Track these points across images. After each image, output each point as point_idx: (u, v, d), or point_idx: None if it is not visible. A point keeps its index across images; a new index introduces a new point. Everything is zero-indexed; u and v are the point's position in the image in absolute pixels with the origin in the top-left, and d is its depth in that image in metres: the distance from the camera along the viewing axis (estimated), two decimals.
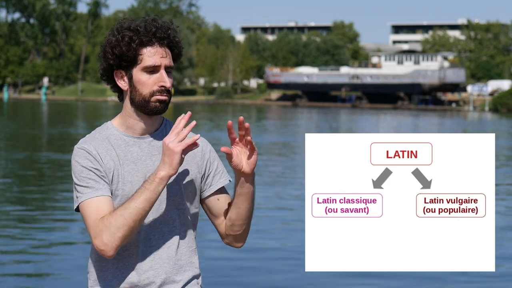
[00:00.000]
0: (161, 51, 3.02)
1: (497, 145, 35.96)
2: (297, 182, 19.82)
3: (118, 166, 3.02)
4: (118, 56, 3.01)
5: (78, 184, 2.98)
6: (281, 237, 12.20)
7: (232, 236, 3.12)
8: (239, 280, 9.46)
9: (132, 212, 2.88)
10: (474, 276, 9.94)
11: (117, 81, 3.06)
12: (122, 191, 3.02)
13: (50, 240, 11.56)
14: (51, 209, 14.34)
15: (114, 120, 3.13)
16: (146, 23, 3.02)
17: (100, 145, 3.04)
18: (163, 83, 3.01)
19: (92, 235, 2.92)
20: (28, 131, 38.51)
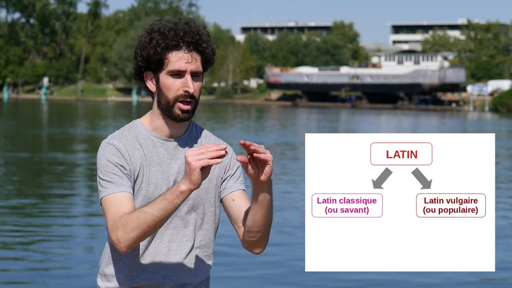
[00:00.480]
0: (187, 56, 3.01)
1: (497, 145, 35.98)
2: (297, 182, 19.82)
3: (144, 166, 3.04)
4: (145, 58, 3.03)
5: (102, 179, 2.99)
6: (282, 238, 12.22)
7: (249, 242, 3.09)
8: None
9: (148, 218, 2.88)
10: (475, 276, 9.94)
11: (147, 82, 3.08)
12: (146, 191, 3.04)
13: (50, 238, 11.57)
14: (51, 208, 14.35)
15: (144, 118, 3.14)
16: (176, 26, 3.02)
17: (129, 142, 3.05)
18: (187, 88, 3.00)
19: (109, 229, 2.94)
20: (28, 131, 38.52)
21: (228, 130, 42.81)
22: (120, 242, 2.90)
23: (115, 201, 2.95)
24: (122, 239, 2.90)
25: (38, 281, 9.23)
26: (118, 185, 2.97)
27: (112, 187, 2.97)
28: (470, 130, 51.02)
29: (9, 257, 10.44)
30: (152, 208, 2.88)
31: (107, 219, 2.95)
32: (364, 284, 9.46)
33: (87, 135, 35.36)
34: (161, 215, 2.88)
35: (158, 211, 2.87)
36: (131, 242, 2.90)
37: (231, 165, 3.17)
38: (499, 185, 20.52)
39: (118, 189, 2.97)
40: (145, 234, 2.90)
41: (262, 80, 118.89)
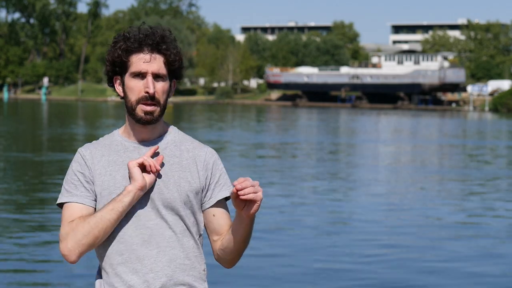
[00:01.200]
0: (148, 57, 3.03)
1: (497, 145, 35.97)
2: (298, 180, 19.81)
3: (113, 171, 3.05)
4: (111, 62, 3.08)
5: (63, 185, 3.09)
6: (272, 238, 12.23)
7: (221, 258, 3.14)
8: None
9: (98, 221, 2.95)
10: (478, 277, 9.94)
11: (116, 87, 3.12)
12: (116, 195, 3.03)
13: (49, 239, 11.57)
14: (50, 209, 14.36)
15: (121, 128, 3.17)
16: (139, 30, 3.06)
17: (98, 150, 3.10)
18: (147, 89, 3.02)
19: (60, 239, 3.00)
20: (28, 131, 38.53)
21: (228, 130, 42.81)
22: (70, 251, 2.96)
23: (67, 211, 3.03)
24: (72, 247, 2.96)
25: (38, 281, 9.23)
26: (72, 195, 3.04)
27: (67, 196, 3.05)
28: (470, 130, 51.01)
29: (9, 258, 10.43)
30: (101, 211, 2.96)
31: (61, 225, 3.02)
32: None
33: (87, 135, 35.37)
34: (111, 216, 2.95)
35: (107, 212, 2.95)
36: (82, 249, 2.97)
37: (213, 171, 3.13)
38: (499, 185, 20.52)
39: (72, 199, 3.04)
40: (95, 239, 2.96)
41: (262, 80, 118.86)
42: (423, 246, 11.78)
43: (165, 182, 3.04)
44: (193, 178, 3.07)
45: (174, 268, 3.03)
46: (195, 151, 3.11)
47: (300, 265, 10.27)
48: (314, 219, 14.05)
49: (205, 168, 3.10)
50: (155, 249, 3.02)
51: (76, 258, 2.98)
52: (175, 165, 3.07)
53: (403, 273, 9.99)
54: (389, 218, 14.41)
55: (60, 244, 2.98)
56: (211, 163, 3.11)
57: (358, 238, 12.24)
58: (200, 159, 3.10)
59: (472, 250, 11.54)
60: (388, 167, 25.02)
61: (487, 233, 13.07)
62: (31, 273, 9.62)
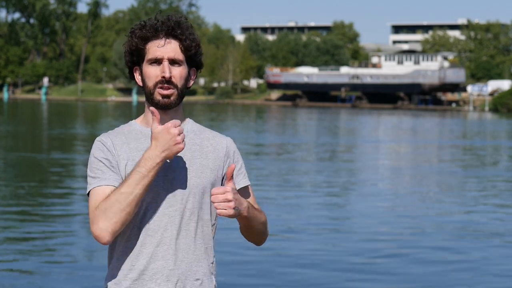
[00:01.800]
0: (163, 43, 3.08)
1: (497, 145, 35.96)
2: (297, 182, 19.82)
3: (136, 156, 3.06)
4: (129, 52, 3.12)
5: (89, 175, 3.06)
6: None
7: (249, 239, 3.26)
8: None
9: (128, 196, 2.92)
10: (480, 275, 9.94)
11: (136, 77, 3.16)
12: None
13: (50, 238, 11.57)
14: (50, 207, 14.36)
15: (138, 118, 3.20)
16: (155, 18, 3.14)
17: (118, 137, 3.11)
18: (162, 73, 3.05)
19: (90, 222, 2.97)
20: (28, 131, 38.53)
21: (228, 130, 42.82)
22: (103, 230, 2.93)
23: (96, 196, 3.00)
24: (104, 226, 2.93)
25: (41, 281, 9.22)
26: (100, 179, 3.02)
27: (94, 182, 3.02)
28: (470, 130, 51.01)
29: (9, 259, 10.43)
30: (127, 185, 2.93)
31: (89, 210, 2.99)
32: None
33: (87, 135, 35.36)
34: (138, 191, 2.93)
35: (132, 185, 2.92)
36: (115, 228, 2.93)
37: (235, 160, 3.18)
38: (500, 186, 20.52)
39: (100, 183, 3.01)
40: (127, 215, 2.93)
41: (262, 80, 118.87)
42: (423, 246, 11.79)
43: (187, 169, 3.06)
44: (215, 166, 3.11)
45: (183, 258, 3.04)
46: (215, 139, 3.16)
47: (300, 265, 10.27)
48: (314, 218, 14.05)
49: (227, 155, 3.15)
50: (168, 237, 3.03)
51: (109, 238, 2.94)
52: (197, 152, 3.10)
53: (404, 273, 10.00)
54: (390, 218, 14.41)
55: (92, 226, 2.95)
56: (232, 151, 3.18)
57: (359, 238, 12.24)
58: (221, 146, 3.15)
59: (474, 250, 11.55)
60: (388, 167, 25.01)
61: (488, 233, 13.07)
62: (32, 275, 9.63)
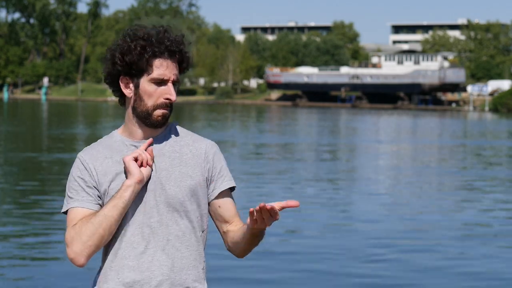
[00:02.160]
0: (171, 65, 3.05)
1: (497, 146, 35.95)
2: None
3: (117, 170, 3.05)
4: (128, 63, 3.02)
5: (66, 193, 3.08)
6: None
7: (233, 250, 3.18)
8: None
9: (101, 220, 2.94)
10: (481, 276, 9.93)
11: (122, 87, 3.07)
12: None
13: (50, 239, 11.57)
14: (51, 208, 14.36)
15: (119, 128, 3.16)
16: (159, 34, 3.04)
17: (100, 152, 3.08)
18: (169, 96, 3.03)
19: (66, 244, 2.99)
20: (28, 131, 38.52)
21: (228, 131, 42.80)
22: (78, 254, 2.96)
23: (71, 217, 3.02)
24: (79, 250, 2.95)
25: (42, 281, 9.22)
26: (74, 201, 3.03)
27: (70, 202, 3.04)
28: (470, 130, 51.00)
29: (9, 259, 10.43)
30: (103, 209, 2.96)
31: (65, 234, 3.01)
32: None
33: (87, 135, 35.36)
34: (112, 213, 2.94)
35: (108, 210, 2.94)
36: (89, 251, 2.96)
37: (215, 163, 3.13)
38: (499, 186, 20.51)
39: (74, 204, 3.03)
40: (101, 239, 2.95)
41: (262, 80, 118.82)
42: (424, 246, 11.78)
43: (167, 178, 3.04)
44: (194, 172, 3.07)
45: (171, 267, 3.03)
46: (194, 144, 3.12)
47: (300, 265, 10.27)
48: (314, 218, 14.05)
49: (206, 160, 3.10)
50: (152, 248, 3.02)
51: (84, 261, 2.97)
52: (176, 160, 3.07)
53: (404, 274, 9.99)
54: (390, 219, 14.40)
55: (67, 249, 2.98)
56: (211, 154, 3.12)
57: (359, 238, 12.24)
58: (200, 151, 3.11)
59: (475, 250, 11.54)
60: (388, 167, 25.00)
61: (489, 233, 13.06)
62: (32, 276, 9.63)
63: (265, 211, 2.88)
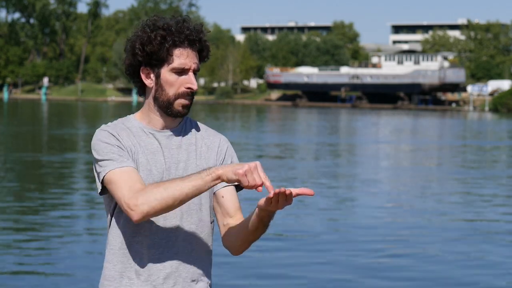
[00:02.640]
0: (192, 54, 3.04)
1: (497, 146, 35.95)
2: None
3: (138, 152, 3.04)
4: (148, 53, 3.02)
5: (102, 159, 2.98)
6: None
7: (231, 244, 3.11)
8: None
9: (175, 191, 2.85)
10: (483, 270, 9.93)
11: (143, 77, 3.07)
12: (141, 176, 3.02)
13: (51, 238, 11.57)
14: (51, 208, 14.36)
15: (137, 113, 3.16)
16: (178, 23, 3.04)
17: (122, 131, 3.07)
18: (190, 85, 3.04)
19: (126, 195, 2.88)
20: (29, 131, 38.53)
21: (228, 131, 42.82)
22: (138, 207, 2.86)
23: (125, 174, 2.93)
24: (141, 204, 2.85)
25: (42, 281, 9.23)
26: (121, 161, 2.96)
27: (115, 163, 2.96)
28: (470, 130, 51.00)
29: (10, 259, 10.43)
30: (184, 182, 2.86)
31: (120, 188, 2.90)
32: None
33: (87, 135, 35.35)
34: (190, 191, 2.86)
35: (188, 187, 2.86)
36: (150, 211, 2.86)
37: (226, 157, 3.16)
38: (500, 187, 20.51)
39: (122, 163, 2.96)
40: (167, 207, 2.87)
41: (262, 80, 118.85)
42: (425, 247, 11.79)
43: (184, 170, 3.06)
44: (208, 165, 3.09)
45: (179, 260, 3.05)
46: (209, 138, 3.16)
47: (301, 266, 10.27)
48: (313, 219, 14.05)
49: (219, 153, 3.14)
50: (164, 239, 3.03)
51: (140, 217, 2.88)
52: (192, 153, 3.10)
53: (405, 274, 10.00)
54: (390, 219, 14.41)
55: (130, 200, 2.87)
56: (224, 149, 3.16)
57: (361, 239, 12.24)
58: (214, 145, 3.14)
59: (475, 251, 11.55)
60: (388, 168, 25.01)
61: (490, 233, 13.07)
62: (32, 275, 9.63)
63: (282, 194, 2.85)
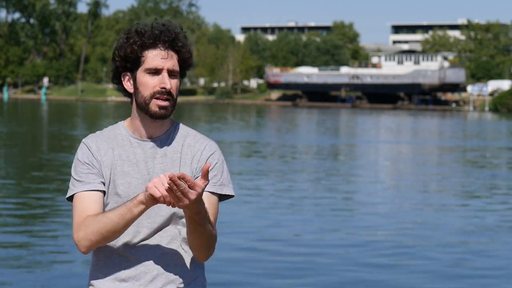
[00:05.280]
0: (164, 54, 3.04)
1: (497, 146, 35.94)
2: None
3: (117, 165, 3.05)
4: (123, 57, 3.05)
5: (73, 177, 3.06)
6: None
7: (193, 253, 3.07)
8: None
9: (107, 222, 2.93)
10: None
11: (124, 83, 3.10)
12: (118, 190, 3.05)
13: (51, 238, 11.57)
14: (52, 209, 14.36)
15: (126, 120, 3.16)
16: (153, 26, 3.06)
17: (104, 142, 3.09)
18: (163, 85, 3.02)
19: (73, 228, 3.01)
20: (29, 131, 38.53)
21: (228, 131, 42.81)
22: (80, 243, 2.97)
23: (81, 201, 3.02)
24: (82, 240, 2.97)
25: (36, 283, 9.23)
26: (85, 184, 3.03)
27: (80, 185, 3.03)
28: (470, 130, 50.99)
29: (10, 259, 10.43)
30: (113, 213, 2.93)
31: (74, 216, 3.02)
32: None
33: (87, 135, 35.31)
34: (118, 221, 2.91)
35: (116, 216, 2.91)
36: (90, 245, 2.97)
37: (205, 163, 3.06)
38: (499, 186, 20.51)
39: (85, 187, 3.02)
40: (104, 239, 2.96)
41: (262, 80, 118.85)
42: (425, 247, 11.78)
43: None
44: (192, 173, 3.07)
45: (165, 264, 3.05)
46: (196, 145, 3.11)
47: (302, 267, 10.27)
48: (315, 218, 14.06)
49: (200, 161, 3.08)
50: (148, 248, 3.04)
51: (85, 251, 3.00)
52: (177, 161, 3.08)
53: (404, 275, 9.99)
54: (390, 219, 14.41)
55: (73, 233, 3.01)
56: (206, 155, 3.09)
57: (359, 239, 12.24)
58: (198, 152, 3.09)
59: (475, 252, 11.54)
60: (388, 168, 25.00)
61: (490, 233, 13.06)
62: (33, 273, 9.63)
63: (173, 183, 2.74)
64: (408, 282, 9.55)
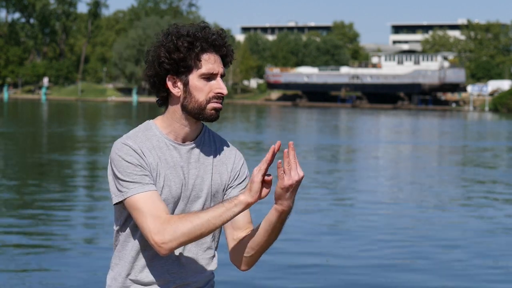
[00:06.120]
0: (218, 59, 3.04)
1: (497, 146, 35.95)
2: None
3: (160, 167, 3.02)
4: (176, 61, 3.00)
5: (123, 180, 2.96)
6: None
7: (240, 256, 3.10)
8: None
9: (203, 223, 2.88)
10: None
11: (170, 86, 3.04)
12: (163, 194, 3.02)
13: (52, 238, 11.57)
14: (52, 208, 14.36)
15: (157, 120, 3.11)
16: (202, 30, 3.03)
17: (143, 144, 3.03)
18: (220, 90, 3.02)
19: (153, 230, 2.90)
20: (29, 131, 38.53)
21: (228, 131, 42.83)
22: (166, 245, 2.89)
23: (149, 200, 2.93)
24: (170, 241, 2.89)
25: (35, 283, 9.22)
26: (143, 185, 2.95)
27: (137, 187, 2.94)
28: (470, 130, 51.00)
29: (10, 259, 10.43)
30: (208, 214, 2.89)
31: (144, 218, 2.91)
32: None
33: (87, 135, 35.36)
34: (216, 222, 2.88)
35: (213, 217, 2.88)
36: (177, 246, 2.91)
37: (240, 174, 3.17)
38: (499, 187, 20.50)
39: (145, 188, 2.94)
40: (194, 239, 2.91)
41: (262, 80, 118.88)
42: (426, 247, 11.78)
43: (201, 185, 3.08)
44: (222, 179, 3.12)
45: (187, 269, 3.07)
46: (225, 152, 3.17)
47: (303, 268, 10.27)
48: (315, 218, 14.06)
49: (233, 170, 3.15)
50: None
51: (167, 253, 2.92)
52: (209, 167, 3.10)
53: (404, 275, 9.99)
54: (390, 219, 14.40)
55: (156, 235, 2.89)
56: (239, 166, 3.18)
57: (362, 241, 12.24)
58: (229, 161, 3.16)
59: (474, 253, 11.54)
60: (389, 168, 25.01)
61: (490, 233, 13.06)
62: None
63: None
64: (408, 282, 9.55)
